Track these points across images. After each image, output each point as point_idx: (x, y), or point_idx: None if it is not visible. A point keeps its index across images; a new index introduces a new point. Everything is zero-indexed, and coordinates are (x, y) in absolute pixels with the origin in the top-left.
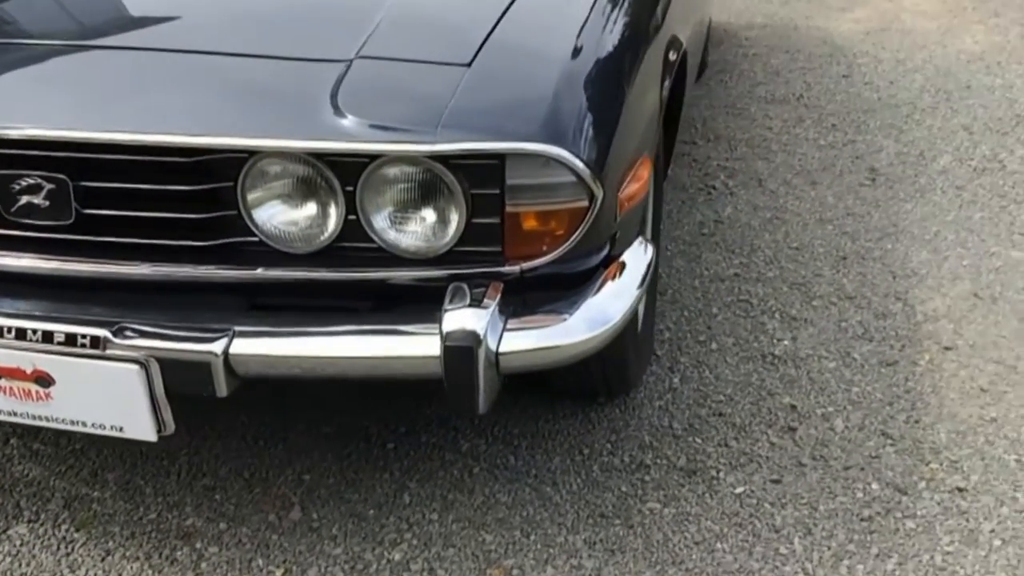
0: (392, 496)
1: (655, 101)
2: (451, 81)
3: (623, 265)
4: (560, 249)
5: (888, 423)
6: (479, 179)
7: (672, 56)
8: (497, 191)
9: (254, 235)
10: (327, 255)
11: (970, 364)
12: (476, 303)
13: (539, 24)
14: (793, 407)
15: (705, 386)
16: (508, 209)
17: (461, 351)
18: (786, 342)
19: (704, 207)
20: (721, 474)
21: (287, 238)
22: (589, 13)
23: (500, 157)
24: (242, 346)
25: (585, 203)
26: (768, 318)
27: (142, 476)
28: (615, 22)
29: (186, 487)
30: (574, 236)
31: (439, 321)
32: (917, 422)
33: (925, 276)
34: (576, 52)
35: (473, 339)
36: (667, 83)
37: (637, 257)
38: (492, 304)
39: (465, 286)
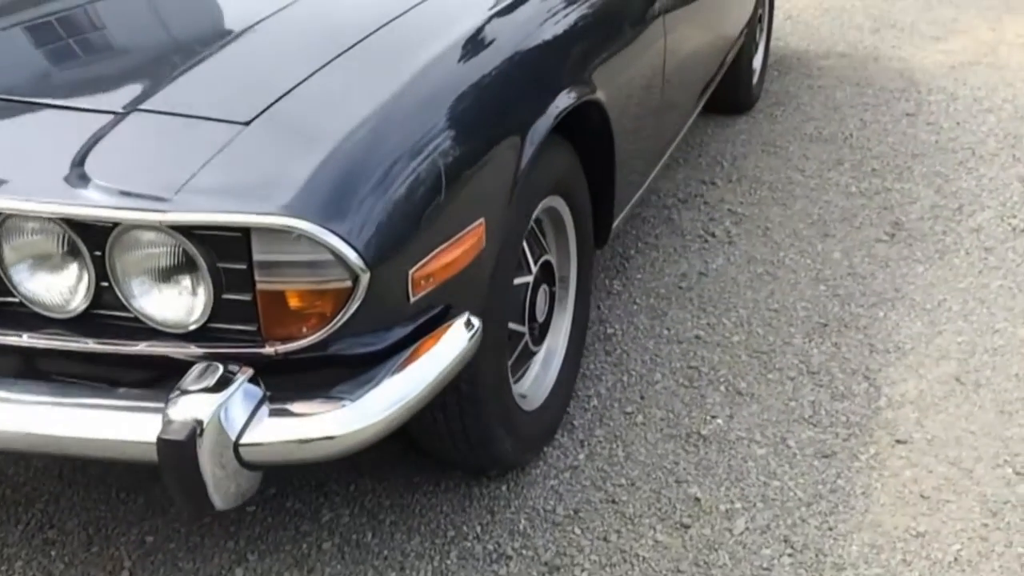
0: (226, 569)
1: (505, 165)
2: (218, 141)
3: (429, 346)
4: (322, 332)
5: (796, 528)
6: (225, 252)
7: (560, 103)
8: (244, 266)
9: (13, 296)
10: (85, 322)
11: (920, 463)
12: (219, 386)
13: (356, 79)
14: (697, 500)
15: (611, 466)
16: (260, 286)
17: (173, 444)
18: (720, 420)
19: (694, 256)
20: (584, 575)
21: (43, 302)
22: (428, 64)
23: (245, 230)
24: None
25: (348, 283)
26: (712, 390)
27: None
28: (458, 69)
29: (27, 540)
30: (337, 319)
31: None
32: (831, 530)
33: (907, 352)
34: (382, 112)
35: (191, 431)
36: (531, 142)
37: (449, 339)
38: (231, 389)
39: (220, 366)
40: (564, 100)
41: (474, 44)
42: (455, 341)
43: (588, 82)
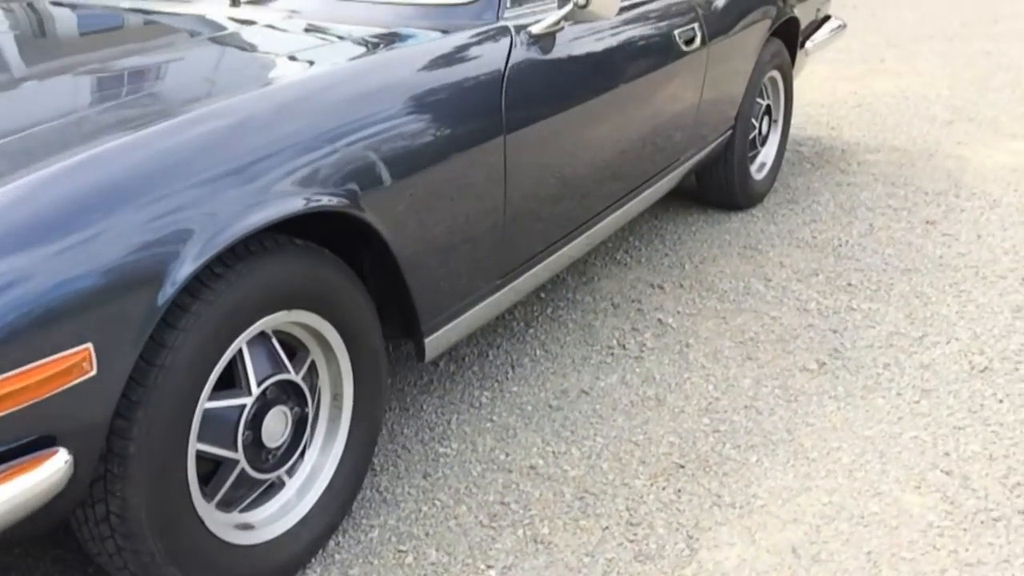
0: None
1: (130, 283)
2: None
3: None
4: None
5: None
6: None
7: (259, 217)
8: None
9: None
10: None
11: None
12: None
13: None
14: None
15: None
16: None
17: None
18: (493, 572)
19: (588, 371)
20: None
21: None
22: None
23: None
24: None
25: None
26: (510, 533)
27: None
28: (80, 175)
29: None
30: None
31: None
32: None
33: (756, 510)
34: None
35: None
36: (195, 257)
37: (26, 475)
38: None
39: None
40: (267, 214)
41: (129, 145)
42: (29, 478)
43: (340, 196)
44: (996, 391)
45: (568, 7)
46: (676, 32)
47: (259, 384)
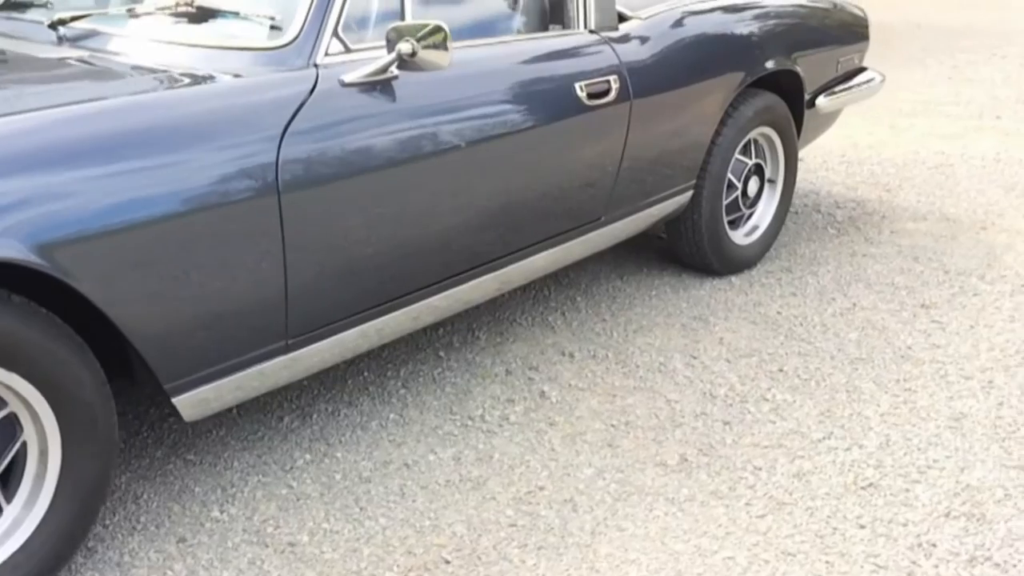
0: None
1: None
2: None
3: None
4: None
5: None
6: None
7: None
8: None
9: None
10: None
11: None
12: None
13: None
14: None
15: None
16: None
17: None
18: None
19: (429, 442)
20: None
21: None
22: None
23: None
24: None
25: None
26: None
27: None
28: None
29: None
30: None
31: None
32: None
33: None
34: None
35: None
36: None
37: None
38: None
39: None
40: None
41: None
42: None
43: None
44: (863, 514)
45: (392, 56)
46: (578, 84)
47: None
